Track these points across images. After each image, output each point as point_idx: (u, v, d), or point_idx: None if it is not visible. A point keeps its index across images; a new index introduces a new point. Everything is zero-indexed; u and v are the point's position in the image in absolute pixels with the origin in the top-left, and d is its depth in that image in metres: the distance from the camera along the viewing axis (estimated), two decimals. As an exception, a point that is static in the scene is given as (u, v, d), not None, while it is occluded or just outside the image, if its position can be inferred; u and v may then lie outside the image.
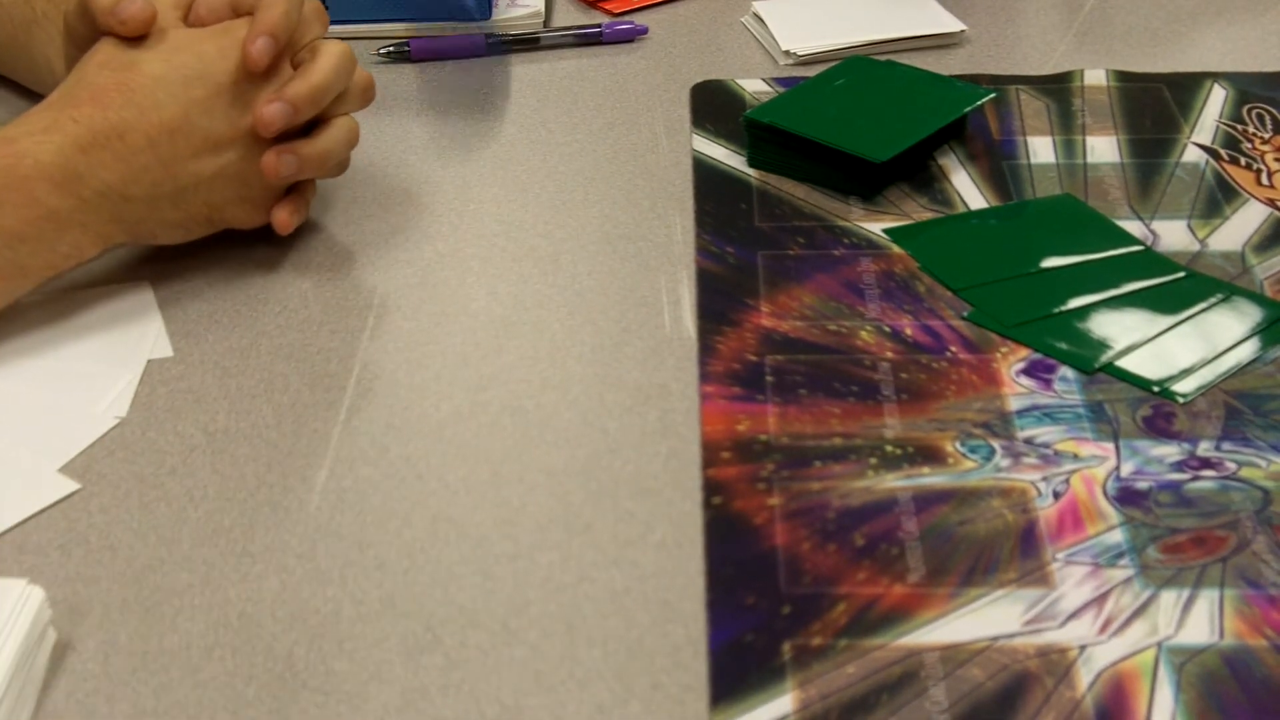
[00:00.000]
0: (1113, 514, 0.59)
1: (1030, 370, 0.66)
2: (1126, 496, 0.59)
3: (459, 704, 0.51)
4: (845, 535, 0.58)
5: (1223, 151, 0.82)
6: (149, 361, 0.68)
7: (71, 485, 0.61)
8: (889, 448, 0.62)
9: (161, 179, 0.68)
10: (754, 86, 0.90)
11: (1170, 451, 0.62)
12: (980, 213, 0.77)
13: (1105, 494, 0.59)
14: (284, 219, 0.73)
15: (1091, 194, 0.79)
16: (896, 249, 0.75)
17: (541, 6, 0.99)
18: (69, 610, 0.55)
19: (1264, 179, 0.80)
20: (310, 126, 0.72)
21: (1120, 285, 0.71)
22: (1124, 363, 0.66)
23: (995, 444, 0.62)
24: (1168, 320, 0.68)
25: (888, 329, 0.69)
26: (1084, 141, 0.83)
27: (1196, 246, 0.74)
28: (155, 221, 0.70)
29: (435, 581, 0.57)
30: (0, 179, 0.65)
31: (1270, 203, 0.78)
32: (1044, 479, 0.60)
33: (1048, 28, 0.98)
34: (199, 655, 0.54)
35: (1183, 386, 0.65)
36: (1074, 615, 0.54)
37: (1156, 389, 0.64)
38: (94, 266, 0.74)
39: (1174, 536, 0.57)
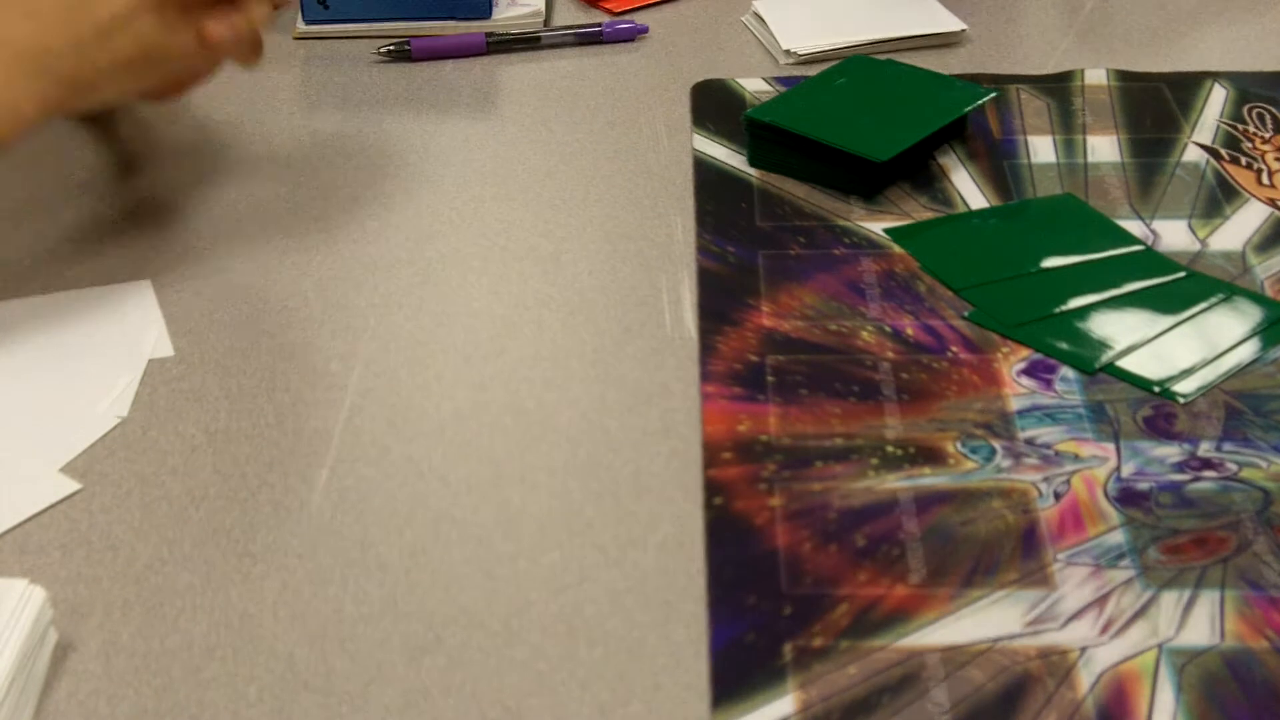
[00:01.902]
0: (1114, 515, 0.59)
1: (1031, 371, 0.66)
2: (1127, 497, 0.59)
3: (460, 704, 0.52)
4: (846, 536, 0.58)
5: (1223, 151, 0.82)
6: (150, 361, 0.68)
7: (73, 485, 0.61)
8: (890, 448, 0.62)
9: (77, 20, 0.68)
10: (754, 86, 0.90)
11: (1171, 452, 0.62)
12: (981, 212, 0.77)
13: (1106, 495, 0.60)
14: (212, 29, 0.72)
15: (1092, 193, 0.79)
16: (897, 249, 0.75)
17: (542, 6, 0.99)
18: (70, 610, 0.55)
19: (1264, 178, 0.80)
20: None
21: (1121, 285, 0.71)
22: (1125, 363, 0.66)
23: (996, 444, 0.62)
24: (1168, 320, 0.68)
25: (889, 329, 0.69)
26: (1084, 141, 0.83)
27: (1197, 246, 0.74)
28: (90, 71, 0.69)
29: (437, 582, 0.57)
30: None
31: (1271, 202, 0.78)
32: (1045, 480, 0.60)
33: (1048, 27, 0.98)
34: (200, 655, 0.54)
35: (1183, 387, 0.65)
36: (1075, 616, 0.54)
37: (1157, 389, 0.65)
38: (94, 266, 0.75)
39: (1175, 537, 0.57)
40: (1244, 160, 0.81)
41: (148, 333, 0.70)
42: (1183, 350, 0.67)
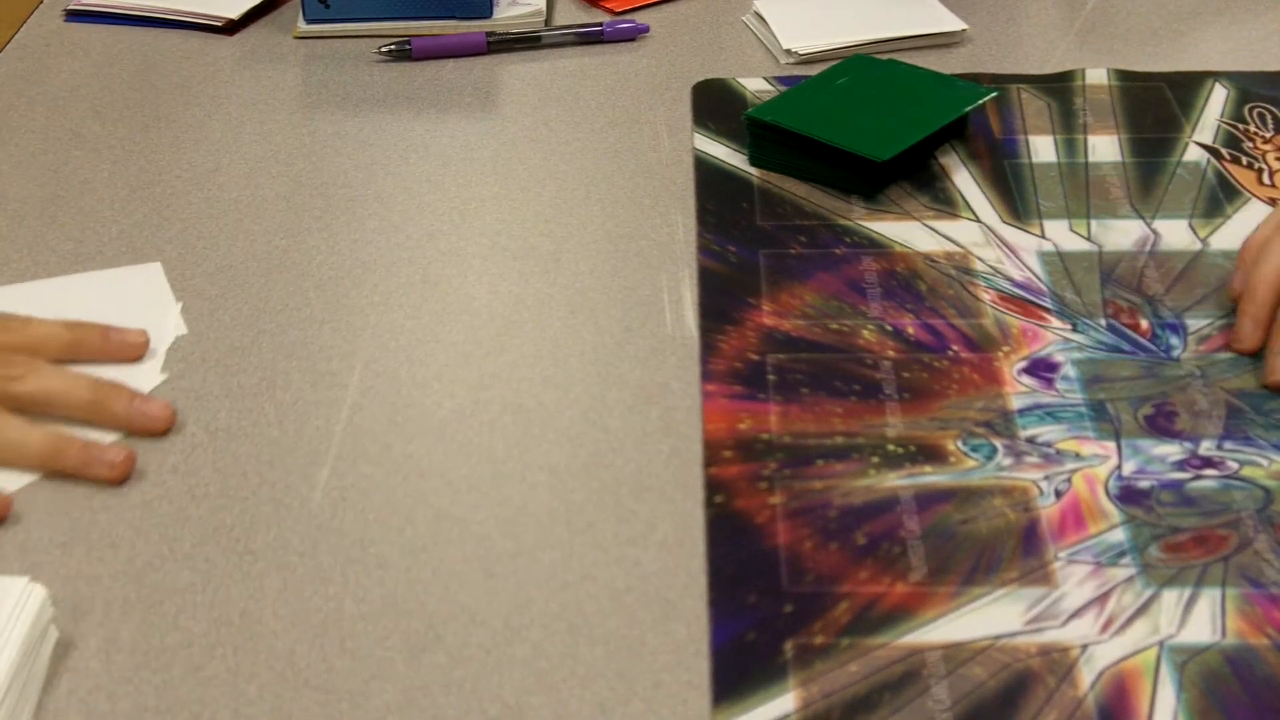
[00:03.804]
0: (1114, 513, 0.59)
1: (1032, 369, 0.66)
2: (1128, 495, 0.59)
3: (461, 702, 0.51)
4: (847, 534, 0.58)
5: (1224, 151, 0.82)
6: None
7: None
8: (891, 446, 0.62)
9: None
10: (755, 85, 0.90)
11: (1172, 450, 0.62)
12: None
13: (1107, 493, 0.59)
14: None
15: (1093, 192, 0.79)
16: (898, 248, 0.75)
17: (543, 5, 0.99)
18: (71, 608, 0.55)
19: (1265, 178, 0.80)
20: None
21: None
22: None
23: (997, 443, 0.62)
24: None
25: (889, 328, 0.69)
26: (1085, 140, 0.83)
27: (1198, 245, 0.74)
28: None
29: (437, 580, 0.57)
30: None
31: (1271, 202, 0.78)
32: (1046, 478, 0.60)
33: (1049, 27, 0.98)
34: (201, 653, 0.54)
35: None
36: (1076, 614, 0.54)
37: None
38: (95, 265, 0.75)
39: (1176, 535, 0.57)
40: (1245, 160, 0.81)
41: (166, 313, 0.71)
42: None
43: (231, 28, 0.98)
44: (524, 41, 0.96)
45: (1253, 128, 0.84)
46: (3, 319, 0.66)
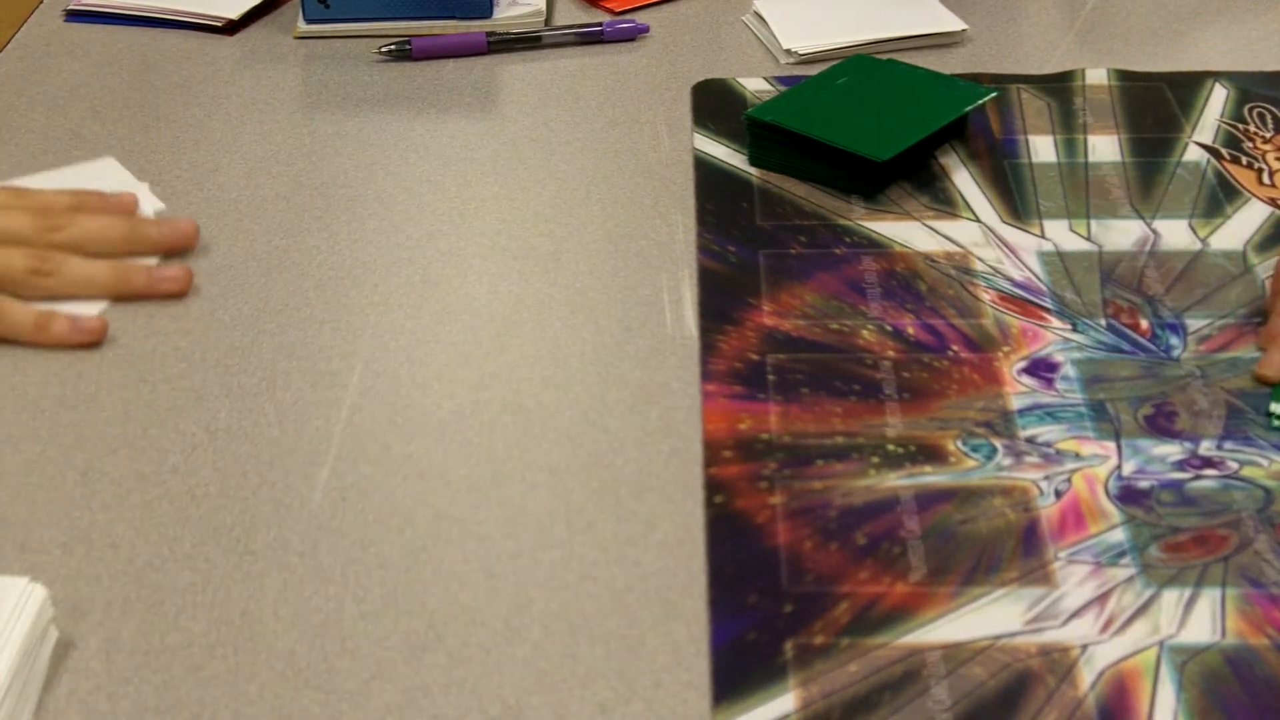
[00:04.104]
0: (1114, 513, 0.59)
1: (1032, 369, 0.66)
2: (1128, 495, 0.59)
3: (461, 702, 0.51)
4: (847, 534, 0.58)
5: (1224, 151, 0.82)
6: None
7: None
8: (891, 447, 0.62)
9: None
10: (755, 85, 0.90)
11: (1172, 450, 0.62)
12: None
13: (1107, 493, 0.59)
14: None
15: (1093, 192, 0.79)
16: (898, 248, 0.75)
17: (543, 5, 0.99)
18: (71, 608, 0.55)
19: (1265, 178, 0.80)
20: None
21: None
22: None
23: (997, 443, 0.62)
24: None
25: (889, 328, 0.69)
26: (1085, 140, 0.83)
27: (1198, 245, 0.74)
28: None
29: (437, 580, 0.57)
30: None
31: (1271, 202, 0.78)
32: (1046, 478, 0.60)
33: (1049, 27, 0.98)
34: (201, 653, 0.54)
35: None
36: (1076, 614, 0.54)
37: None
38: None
39: (1176, 535, 0.57)
40: (1245, 160, 0.81)
41: (139, 191, 0.78)
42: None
43: (231, 28, 0.99)
44: (524, 41, 0.96)
45: (1253, 128, 0.84)
46: (11, 191, 0.74)
